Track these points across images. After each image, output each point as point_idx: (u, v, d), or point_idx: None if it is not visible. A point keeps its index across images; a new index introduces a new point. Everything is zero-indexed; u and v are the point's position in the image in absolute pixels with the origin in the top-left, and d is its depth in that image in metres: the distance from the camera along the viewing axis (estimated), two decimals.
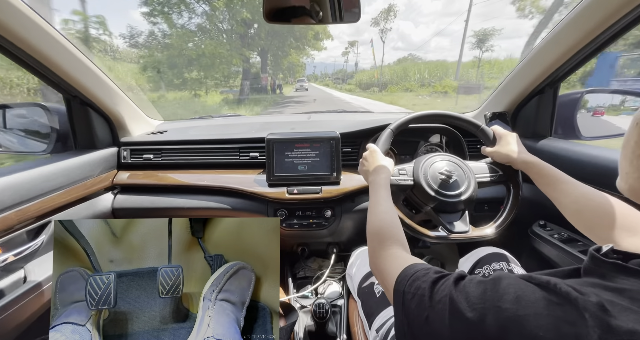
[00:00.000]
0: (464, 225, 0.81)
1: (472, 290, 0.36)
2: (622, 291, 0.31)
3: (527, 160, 0.77)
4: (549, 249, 0.97)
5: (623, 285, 0.31)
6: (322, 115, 1.73)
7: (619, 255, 0.36)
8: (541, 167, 0.74)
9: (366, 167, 0.84)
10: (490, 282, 0.37)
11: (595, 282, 0.34)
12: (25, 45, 0.75)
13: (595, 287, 0.32)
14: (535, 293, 0.33)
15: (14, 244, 0.77)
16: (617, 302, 0.29)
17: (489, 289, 0.36)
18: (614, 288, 0.31)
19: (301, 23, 0.90)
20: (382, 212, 0.66)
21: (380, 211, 0.66)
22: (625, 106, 1.32)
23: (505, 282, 0.35)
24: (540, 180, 0.74)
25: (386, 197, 0.70)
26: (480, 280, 0.38)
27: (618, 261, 0.34)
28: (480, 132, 0.90)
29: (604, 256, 0.36)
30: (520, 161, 0.79)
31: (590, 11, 0.78)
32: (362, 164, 0.87)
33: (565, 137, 1.10)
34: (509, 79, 1.15)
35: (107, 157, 1.11)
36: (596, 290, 0.31)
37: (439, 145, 1.21)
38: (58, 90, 0.96)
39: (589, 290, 0.31)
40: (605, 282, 0.33)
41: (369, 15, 49.87)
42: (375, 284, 0.88)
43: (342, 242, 1.33)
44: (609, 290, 0.31)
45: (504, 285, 0.35)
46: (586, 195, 0.63)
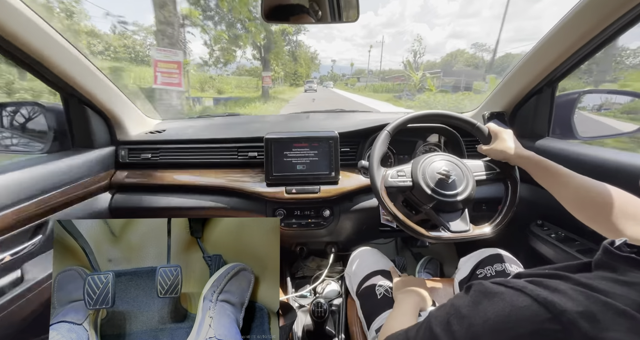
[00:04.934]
0: (464, 224, 0.81)
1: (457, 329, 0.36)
2: (634, 285, 0.30)
3: (522, 155, 0.77)
4: (547, 248, 0.98)
5: (634, 280, 0.31)
6: (321, 114, 1.73)
7: (633, 249, 0.35)
8: (537, 160, 0.74)
9: (403, 284, 0.84)
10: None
11: (606, 275, 0.34)
12: (22, 43, 0.75)
13: (606, 280, 0.32)
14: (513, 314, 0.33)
15: (11, 243, 0.76)
16: (613, 306, 0.28)
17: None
18: (625, 282, 0.31)
19: (300, 22, 0.90)
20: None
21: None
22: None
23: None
24: (538, 173, 0.74)
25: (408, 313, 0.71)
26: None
27: (632, 255, 0.34)
28: (475, 131, 0.90)
29: (617, 249, 0.35)
30: (516, 157, 0.79)
31: (588, 11, 0.78)
32: (403, 282, 0.86)
33: (562, 137, 1.10)
34: (507, 79, 1.15)
35: (105, 156, 1.10)
36: (608, 285, 0.31)
37: (437, 145, 1.22)
38: (55, 89, 0.96)
39: (599, 284, 0.31)
40: (617, 275, 0.33)
41: (383, 17, 50.25)
42: (377, 285, 0.88)
43: (340, 242, 1.33)
44: (619, 283, 0.31)
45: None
46: (585, 185, 0.63)
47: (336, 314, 1.14)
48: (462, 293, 0.40)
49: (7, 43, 0.73)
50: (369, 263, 0.98)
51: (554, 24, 0.89)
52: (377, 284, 0.88)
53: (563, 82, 1.06)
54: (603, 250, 0.37)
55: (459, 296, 0.40)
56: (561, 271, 0.38)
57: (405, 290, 0.81)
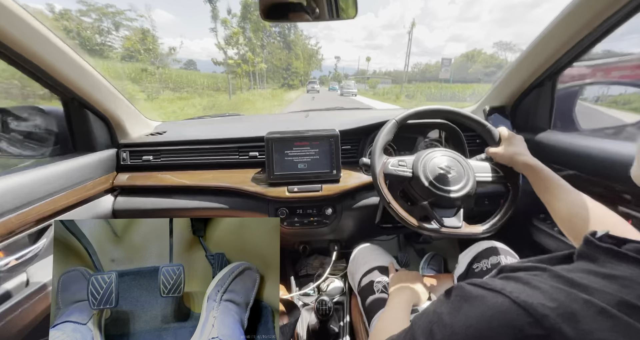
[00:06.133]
0: (457, 221, 0.81)
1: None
2: (612, 278, 0.30)
3: (528, 162, 0.76)
4: (550, 241, 0.97)
5: (614, 272, 0.31)
6: (321, 113, 1.73)
7: (613, 240, 0.35)
8: (541, 171, 0.73)
9: (398, 279, 0.85)
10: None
11: (586, 267, 0.33)
12: (21, 48, 0.75)
13: (586, 273, 0.32)
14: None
15: (16, 247, 0.76)
16: (593, 304, 0.28)
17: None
18: (605, 274, 0.31)
19: (298, 20, 0.89)
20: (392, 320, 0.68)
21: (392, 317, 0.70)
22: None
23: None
24: (538, 184, 0.73)
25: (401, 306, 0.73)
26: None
27: (612, 246, 0.34)
28: (485, 132, 0.89)
29: (598, 240, 0.35)
30: (522, 163, 0.78)
31: (588, 3, 0.78)
32: (398, 276, 0.87)
33: (564, 130, 1.10)
34: (508, 72, 1.14)
35: (106, 159, 1.11)
36: (588, 278, 0.31)
37: (439, 141, 1.21)
38: (55, 93, 0.96)
39: (579, 278, 0.31)
40: (597, 267, 0.33)
41: (383, 19, 49.16)
42: (375, 282, 0.88)
43: (343, 240, 1.33)
44: (599, 276, 0.31)
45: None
46: (580, 203, 0.62)
47: (340, 312, 1.14)
48: (443, 297, 0.40)
49: (7, 48, 0.73)
50: (369, 259, 0.98)
51: (554, 17, 0.88)
52: (375, 280, 0.88)
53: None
54: (584, 240, 0.37)
55: (440, 301, 0.40)
56: (543, 263, 0.37)
57: (399, 285, 0.81)
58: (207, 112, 11.54)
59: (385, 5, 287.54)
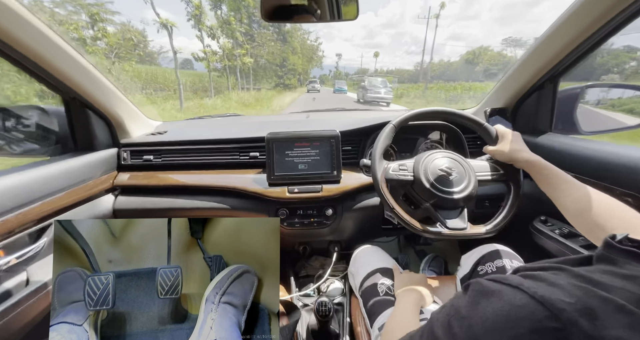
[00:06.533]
0: (461, 222, 0.80)
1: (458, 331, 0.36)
2: (632, 278, 0.30)
3: (529, 159, 0.76)
4: (550, 243, 0.97)
5: (634, 273, 0.31)
6: (321, 114, 1.73)
7: (634, 243, 0.35)
8: (543, 166, 0.73)
9: (405, 281, 0.86)
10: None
11: (606, 269, 0.33)
12: (22, 47, 0.75)
13: (606, 274, 0.32)
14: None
15: (16, 246, 0.77)
16: (612, 301, 0.28)
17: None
18: (624, 275, 0.31)
19: (300, 21, 0.90)
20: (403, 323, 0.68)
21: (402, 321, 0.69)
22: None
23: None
24: (541, 179, 0.73)
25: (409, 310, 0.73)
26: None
27: (632, 248, 0.34)
28: (482, 131, 0.89)
29: (618, 243, 0.35)
30: (522, 160, 0.78)
31: (589, 5, 0.77)
32: (404, 278, 0.87)
33: (565, 132, 1.09)
34: (509, 74, 1.14)
35: (107, 158, 1.11)
36: (607, 278, 0.31)
37: (439, 142, 1.21)
38: (57, 92, 0.96)
39: (598, 277, 0.30)
40: (617, 268, 0.33)
41: (383, 18, 48.66)
42: (378, 283, 0.88)
43: (343, 241, 1.33)
44: (618, 276, 0.31)
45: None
46: (588, 196, 0.62)
47: (340, 313, 1.14)
48: (461, 292, 0.40)
49: (8, 47, 0.74)
50: (371, 261, 0.98)
51: (555, 19, 0.88)
52: (379, 282, 0.88)
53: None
54: (604, 244, 0.37)
55: (458, 296, 0.40)
56: (561, 264, 0.37)
57: (406, 287, 0.81)
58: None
59: (384, 4, 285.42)
